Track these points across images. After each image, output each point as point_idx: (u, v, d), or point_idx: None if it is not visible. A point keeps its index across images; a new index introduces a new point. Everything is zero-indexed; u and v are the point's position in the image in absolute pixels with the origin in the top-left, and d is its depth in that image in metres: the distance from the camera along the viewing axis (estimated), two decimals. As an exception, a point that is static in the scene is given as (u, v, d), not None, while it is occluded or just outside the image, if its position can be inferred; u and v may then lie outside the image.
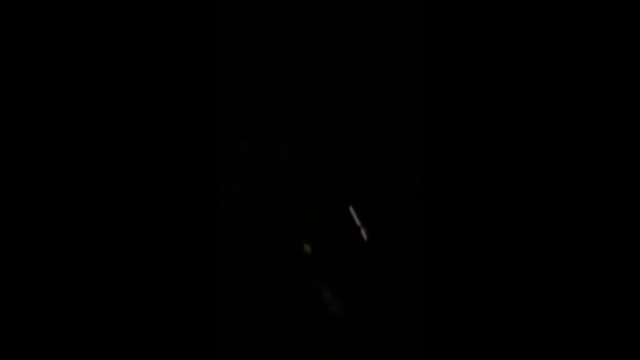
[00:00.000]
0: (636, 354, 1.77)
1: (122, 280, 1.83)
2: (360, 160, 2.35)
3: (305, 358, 2.22)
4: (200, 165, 1.88)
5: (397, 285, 2.26)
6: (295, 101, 2.38)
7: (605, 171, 1.81)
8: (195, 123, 1.89)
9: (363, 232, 2.27)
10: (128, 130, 1.86)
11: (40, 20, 1.85)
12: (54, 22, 1.85)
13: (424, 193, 1.89)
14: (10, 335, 1.79)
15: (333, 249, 2.31)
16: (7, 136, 1.82)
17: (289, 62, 2.39)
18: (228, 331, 2.21)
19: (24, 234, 1.81)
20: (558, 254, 1.81)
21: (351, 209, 2.27)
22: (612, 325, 1.78)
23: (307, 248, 2.27)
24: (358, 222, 2.29)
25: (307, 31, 2.38)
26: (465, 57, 1.87)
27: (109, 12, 1.87)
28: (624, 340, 1.77)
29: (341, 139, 2.37)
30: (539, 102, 1.85)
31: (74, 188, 1.83)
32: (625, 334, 1.78)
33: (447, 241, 1.85)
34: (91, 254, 1.82)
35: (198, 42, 1.90)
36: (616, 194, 1.81)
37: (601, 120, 1.82)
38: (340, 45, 2.38)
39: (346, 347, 2.23)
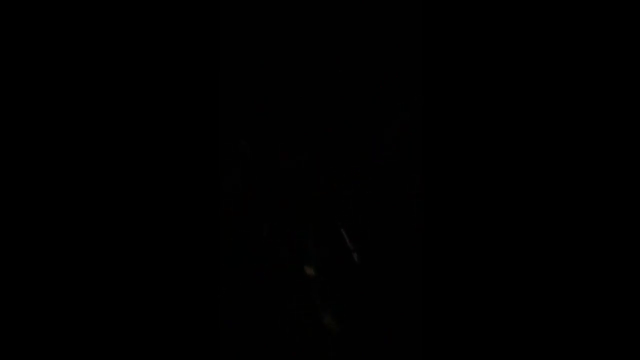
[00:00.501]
0: (636, 354, 1.77)
1: (122, 279, 1.83)
2: (360, 160, 2.35)
3: (305, 358, 2.22)
4: (200, 165, 1.88)
5: (396, 285, 2.26)
6: (295, 101, 2.38)
7: (606, 172, 1.81)
8: (196, 123, 1.89)
9: (355, 256, 2.27)
10: (128, 130, 1.86)
11: (40, 20, 1.85)
12: (53, 21, 1.85)
13: (424, 193, 1.89)
14: (10, 335, 1.79)
15: (332, 249, 2.31)
16: (6, 136, 1.82)
17: (289, 62, 2.39)
18: (228, 331, 2.21)
19: (23, 233, 1.81)
20: (559, 255, 1.81)
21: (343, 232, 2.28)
22: (612, 325, 1.78)
23: (309, 270, 2.27)
24: (350, 246, 2.29)
25: (307, 31, 2.38)
26: (465, 57, 1.87)
27: (108, 11, 1.87)
28: (624, 340, 1.77)
29: (341, 139, 2.37)
30: (540, 102, 1.85)
31: (73, 188, 1.83)
32: (625, 334, 1.78)
33: (447, 241, 1.85)
34: (90, 254, 1.82)
35: (198, 42, 1.90)
36: (616, 194, 1.81)
37: (601, 121, 1.82)
38: (340, 45, 2.38)
39: (346, 348, 2.23)
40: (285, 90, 2.39)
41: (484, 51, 1.87)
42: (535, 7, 1.86)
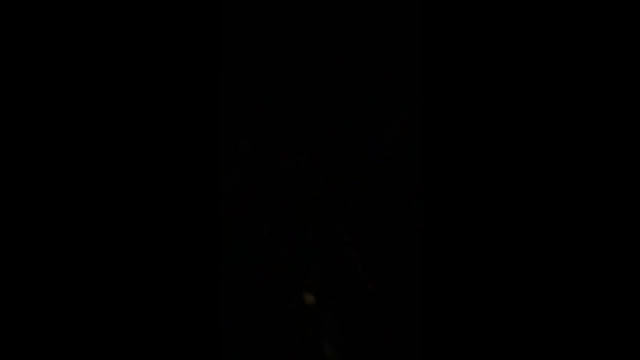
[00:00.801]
0: (636, 354, 1.77)
1: (122, 279, 1.83)
2: (360, 160, 2.35)
3: (304, 358, 2.22)
4: (200, 165, 1.88)
5: (396, 285, 2.26)
6: (295, 101, 2.38)
7: (606, 172, 1.81)
8: (195, 123, 1.89)
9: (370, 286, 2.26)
10: (127, 130, 1.86)
11: (40, 20, 1.85)
12: (53, 21, 1.85)
13: (424, 193, 1.89)
14: (10, 335, 1.79)
15: (331, 249, 2.31)
16: (6, 136, 1.82)
17: (288, 62, 2.39)
18: (228, 331, 2.21)
19: (23, 234, 1.81)
20: (559, 255, 1.81)
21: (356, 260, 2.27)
22: (612, 326, 1.78)
23: (309, 298, 2.25)
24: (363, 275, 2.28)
25: (306, 31, 2.38)
26: (465, 57, 1.87)
27: (108, 11, 1.87)
28: (624, 341, 1.77)
29: (341, 139, 2.37)
30: (540, 102, 1.85)
31: (72, 188, 1.83)
32: (625, 334, 1.78)
33: (447, 242, 1.85)
34: (90, 254, 1.82)
35: (198, 41, 1.90)
36: (616, 194, 1.81)
37: (601, 121, 1.82)
38: (340, 45, 2.38)
39: (345, 346, 2.23)
40: (285, 91, 2.38)
41: (484, 51, 1.87)
42: (535, 7, 1.86)
